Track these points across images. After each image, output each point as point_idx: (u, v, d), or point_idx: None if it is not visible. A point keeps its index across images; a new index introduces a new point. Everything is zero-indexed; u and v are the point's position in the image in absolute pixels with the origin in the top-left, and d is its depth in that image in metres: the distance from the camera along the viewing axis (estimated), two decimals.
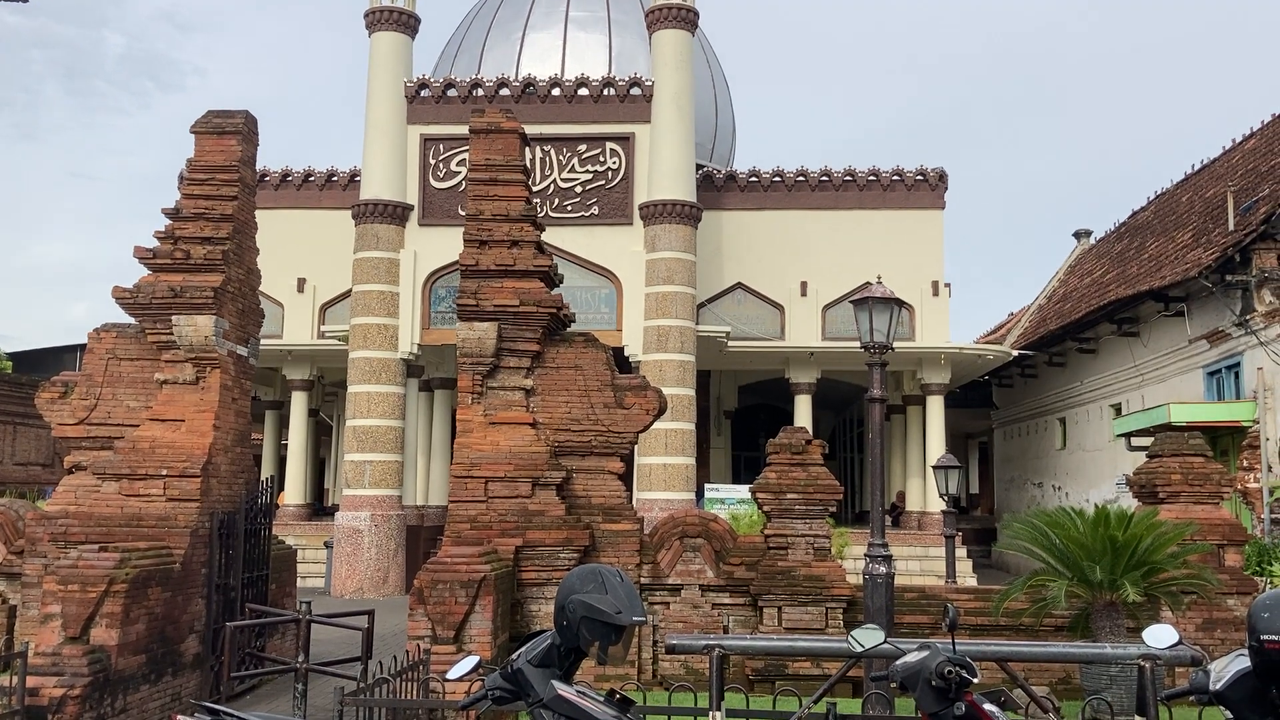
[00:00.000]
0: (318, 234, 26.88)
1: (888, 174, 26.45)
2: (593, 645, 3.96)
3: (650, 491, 22.67)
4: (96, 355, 11.61)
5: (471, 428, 11.96)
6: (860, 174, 26.45)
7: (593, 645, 3.96)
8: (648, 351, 23.34)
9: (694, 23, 24.57)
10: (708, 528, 11.92)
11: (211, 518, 11.03)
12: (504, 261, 12.32)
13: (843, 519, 26.88)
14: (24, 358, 42.96)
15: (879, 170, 26.48)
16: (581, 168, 24.36)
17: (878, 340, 9.94)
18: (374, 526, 22.89)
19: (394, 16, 24.83)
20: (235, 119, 12.10)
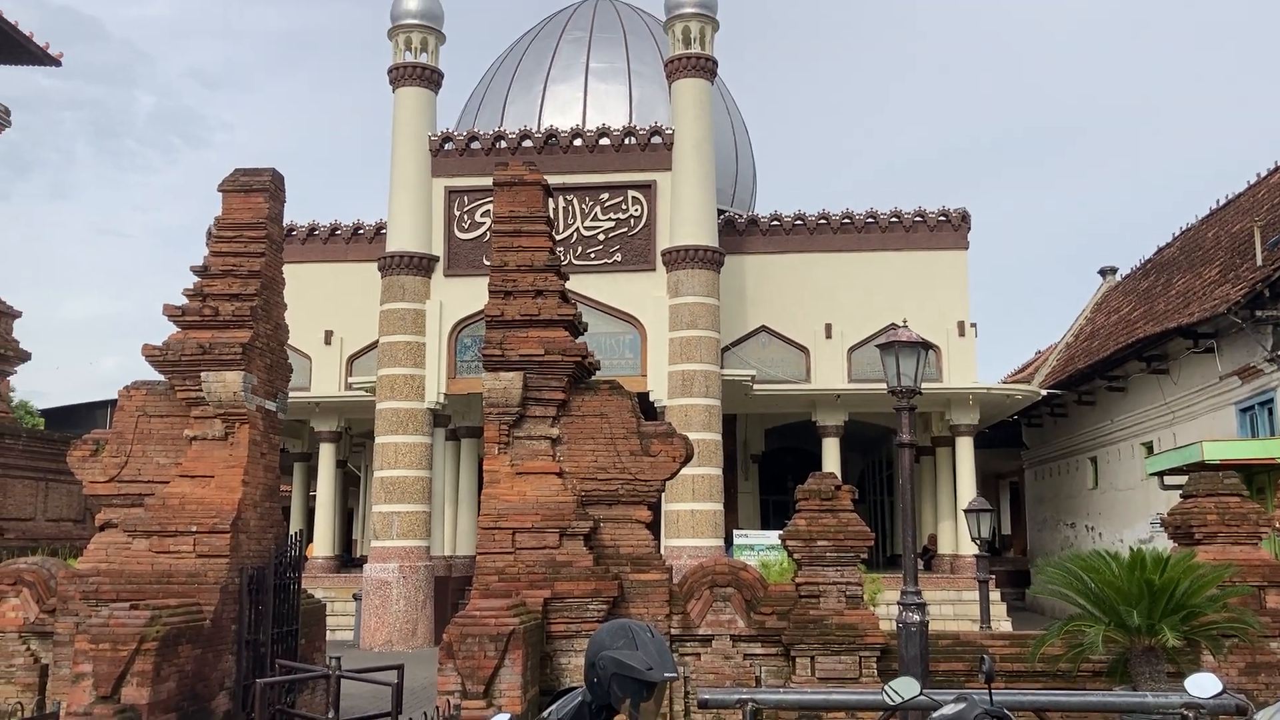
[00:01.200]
0: (344, 287, 27.13)
1: (910, 215, 26.47)
2: (624, 702, 3.92)
3: (678, 539, 22.54)
4: (127, 413, 11.71)
5: (498, 478, 11.95)
6: (882, 215, 26.48)
7: (624, 702, 3.92)
8: (673, 396, 23.32)
9: (713, 71, 24.79)
10: (738, 576, 11.82)
11: (241, 573, 11.05)
12: (529, 311, 12.37)
13: (874, 563, 26.60)
14: (55, 414, 43.37)
15: (901, 211, 26.52)
16: (604, 216, 24.53)
17: (906, 385, 9.89)
18: (402, 578, 22.85)
19: (417, 72, 25.19)
20: (263, 176, 12.26)
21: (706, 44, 24.68)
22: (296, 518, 30.21)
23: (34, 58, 29.13)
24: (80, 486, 24.02)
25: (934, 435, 27.94)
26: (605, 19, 30.06)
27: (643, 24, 30.09)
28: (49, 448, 25.63)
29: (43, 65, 29.50)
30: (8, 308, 27.67)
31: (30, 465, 25.04)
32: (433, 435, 24.60)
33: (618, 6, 31.13)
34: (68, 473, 22.42)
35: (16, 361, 27.74)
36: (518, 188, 13.02)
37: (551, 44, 29.26)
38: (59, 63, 29.26)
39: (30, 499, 24.97)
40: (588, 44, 28.89)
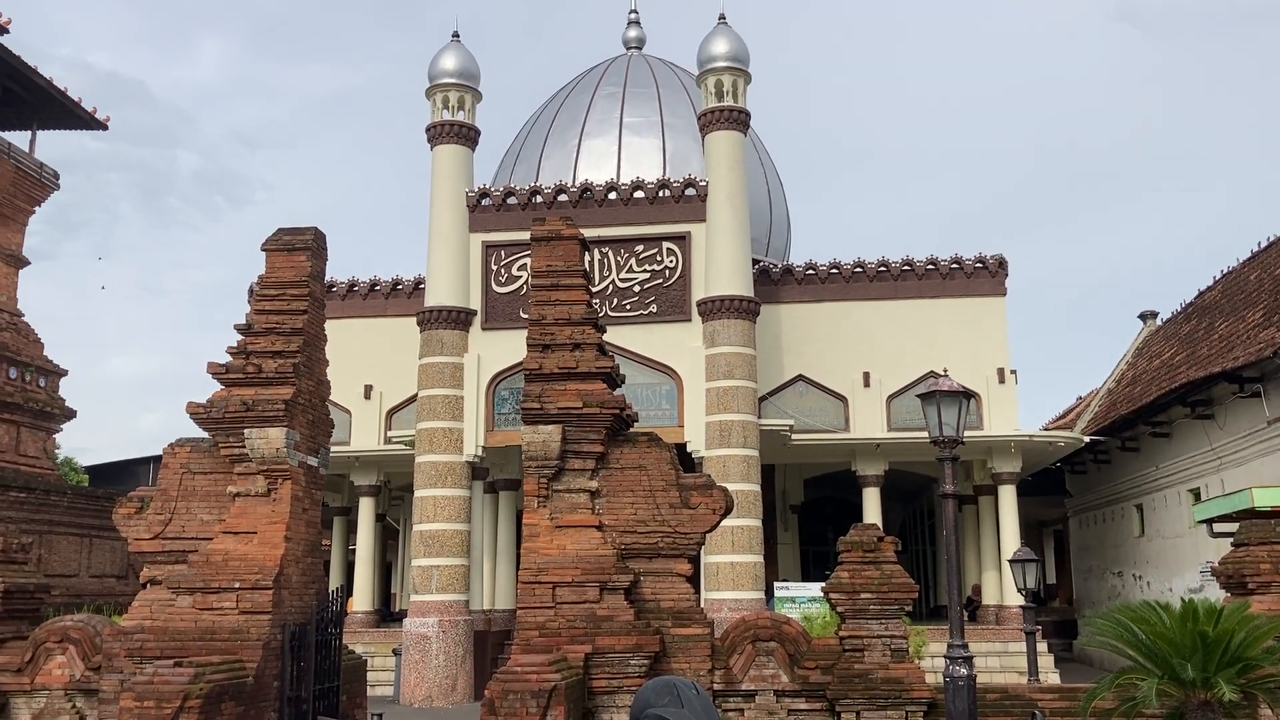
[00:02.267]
0: (384, 341, 27.40)
1: (946, 262, 26.41)
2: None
3: (718, 591, 22.36)
4: (171, 470, 11.83)
5: (538, 531, 11.93)
6: (918, 263, 26.44)
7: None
8: (711, 447, 23.24)
9: (746, 124, 24.98)
10: (781, 630, 11.68)
11: (283, 629, 11.07)
12: (567, 365, 12.41)
13: (918, 614, 26.21)
14: (99, 471, 43.86)
15: (937, 259, 26.46)
16: (639, 267, 24.65)
17: (947, 434, 9.81)
18: (442, 633, 22.79)
19: (455, 130, 25.57)
20: (305, 235, 12.45)
21: (739, 96, 24.90)
22: (336, 572, 30.28)
23: (82, 122, 29.90)
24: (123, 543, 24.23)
25: (976, 484, 27.62)
26: (638, 74, 30.44)
27: (675, 78, 30.43)
28: (92, 504, 25.93)
29: (90, 129, 30.25)
30: (54, 366, 28.14)
31: (74, 522, 25.32)
32: (471, 488, 24.65)
33: (650, 61, 31.52)
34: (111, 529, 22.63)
35: (62, 419, 28.15)
36: (555, 242, 13.13)
37: (586, 99, 29.64)
38: (106, 126, 30.01)
39: (75, 555, 25.21)
40: (621, 98, 29.24)
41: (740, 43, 25.20)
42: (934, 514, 32.88)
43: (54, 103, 28.74)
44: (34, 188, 28.53)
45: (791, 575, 28.95)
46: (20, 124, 29.10)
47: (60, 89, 28.37)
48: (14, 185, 27.66)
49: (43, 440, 27.57)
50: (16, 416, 26.33)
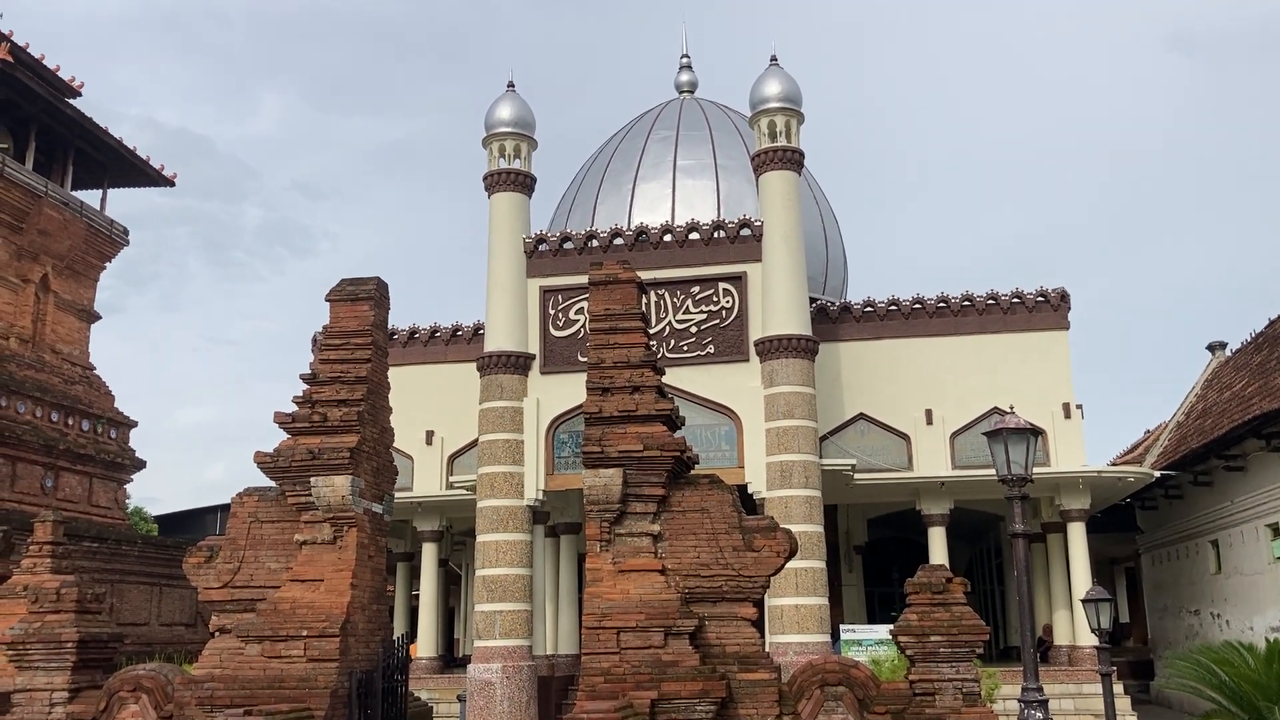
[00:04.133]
0: (444, 387, 27.65)
1: (1007, 296, 26.11)
2: None
3: (783, 635, 22.09)
4: (239, 519, 12.00)
5: (601, 576, 11.89)
6: (978, 298, 26.17)
7: None
8: (772, 488, 23.07)
9: (800, 163, 25.00)
10: (849, 675, 11.50)
11: (350, 677, 11.12)
12: (626, 408, 12.41)
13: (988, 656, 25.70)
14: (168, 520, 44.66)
15: (997, 293, 26.17)
16: (695, 308, 24.68)
17: (1016, 473, 9.64)
18: (505, 678, 22.75)
19: (511, 178, 25.91)
20: (367, 285, 12.65)
21: (792, 136, 24.95)
22: (400, 617, 30.42)
23: (150, 179, 30.77)
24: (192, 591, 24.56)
25: (1044, 521, 27.07)
26: (691, 117, 30.66)
27: (728, 120, 30.59)
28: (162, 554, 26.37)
29: (158, 186, 31.11)
30: (125, 418, 28.78)
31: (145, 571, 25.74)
32: (532, 532, 24.68)
33: (703, 104, 31.74)
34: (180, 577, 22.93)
35: (133, 470, 28.74)
36: (612, 286, 13.19)
37: (639, 144, 29.89)
38: (173, 183, 30.85)
39: (145, 604, 25.61)
40: (675, 142, 29.45)
41: (792, 83, 25.29)
42: (1001, 552, 32.28)
43: (123, 161, 29.63)
44: (105, 245, 29.36)
45: (857, 617, 28.53)
46: (92, 183, 30.02)
47: (130, 148, 29.25)
48: (86, 243, 28.49)
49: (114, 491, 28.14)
50: (89, 468, 26.93)
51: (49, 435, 25.57)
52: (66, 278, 28.12)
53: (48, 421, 25.78)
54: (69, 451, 26.10)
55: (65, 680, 11.50)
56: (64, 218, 27.48)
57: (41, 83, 26.49)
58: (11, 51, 25.33)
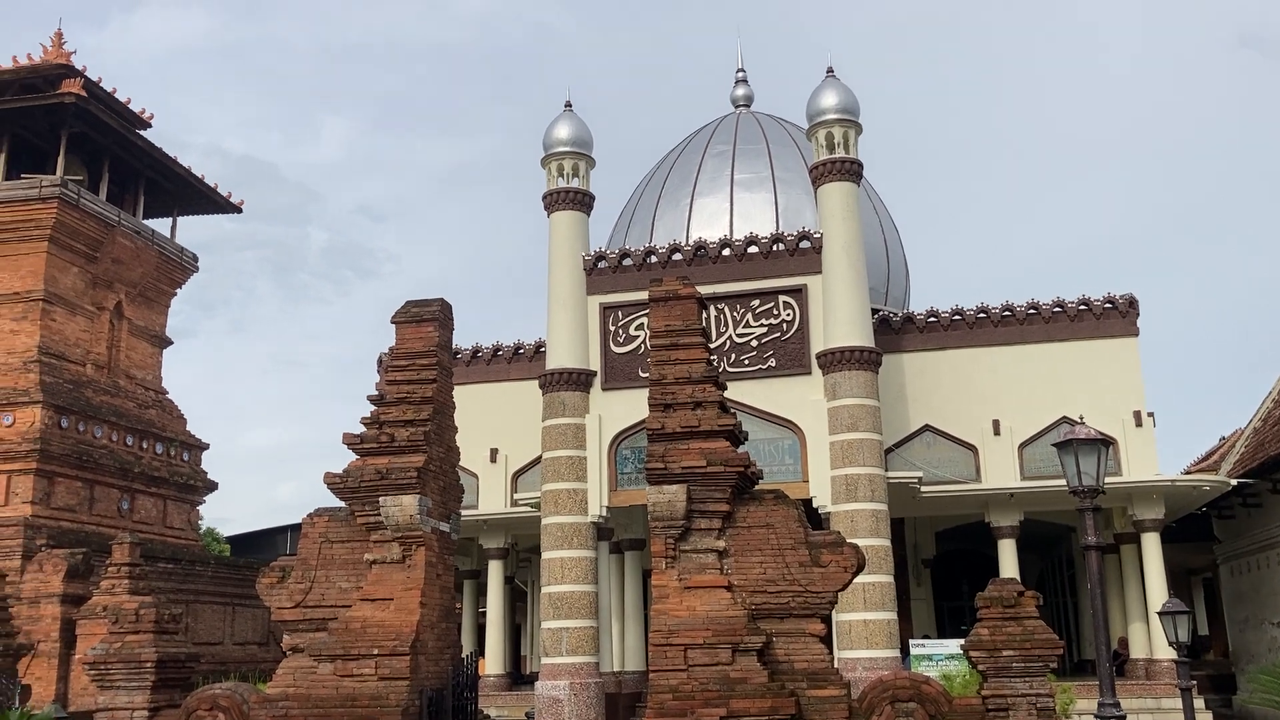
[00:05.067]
0: (507, 405, 27.87)
1: (1074, 304, 25.70)
2: None
3: (851, 650, 21.87)
4: (310, 539, 12.18)
5: (667, 593, 11.86)
6: (1044, 306, 25.78)
7: None
8: (837, 502, 22.88)
9: (858, 174, 24.87)
10: (920, 690, 11.34)
11: (421, 695, 11.22)
12: (689, 423, 12.40)
13: (1062, 670, 25.21)
14: (240, 541, 45.47)
15: (1064, 301, 25.77)
16: (756, 322, 24.61)
17: (1087, 484, 9.48)
18: (573, 695, 22.79)
19: (570, 196, 26.09)
20: (432, 307, 12.80)
21: (850, 147, 24.83)
22: (467, 635, 30.62)
23: (219, 206, 31.49)
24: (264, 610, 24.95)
25: (1117, 532, 26.52)
26: (748, 131, 30.65)
27: (785, 133, 30.54)
28: (235, 574, 26.86)
29: (226, 212, 31.84)
30: (197, 441, 29.40)
31: (218, 591, 26.23)
32: (597, 549, 24.73)
33: (759, 118, 31.72)
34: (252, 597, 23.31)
35: (205, 492, 29.34)
36: (672, 302, 13.20)
37: (696, 159, 29.95)
38: (240, 209, 31.53)
39: (219, 624, 26.08)
40: (732, 156, 29.46)
41: (849, 94, 25.18)
42: (1073, 564, 31.69)
43: (192, 189, 30.37)
44: (176, 271, 30.08)
45: (927, 632, 28.16)
46: (162, 211, 30.81)
47: (198, 176, 29.98)
48: (158, 270, 29.22)
49: (187, 512, 28.75)
50: (163, 490, 27.55)
51: (125, 459, 26.20)
52: (139, 304, 28.85)
53: (123, 445, 26.42)
54: (144, 474, 26.72)
55: (145, 699, 11.75)
56: (136, 246, 28.22)
57: (113, 115, 27.27)
58: (85, 86, 26.11)
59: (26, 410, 23.94)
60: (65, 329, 26.22)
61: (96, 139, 27.23)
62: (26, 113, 26.26)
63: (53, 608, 21.60)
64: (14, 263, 25.81)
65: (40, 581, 21.79)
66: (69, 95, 25.37)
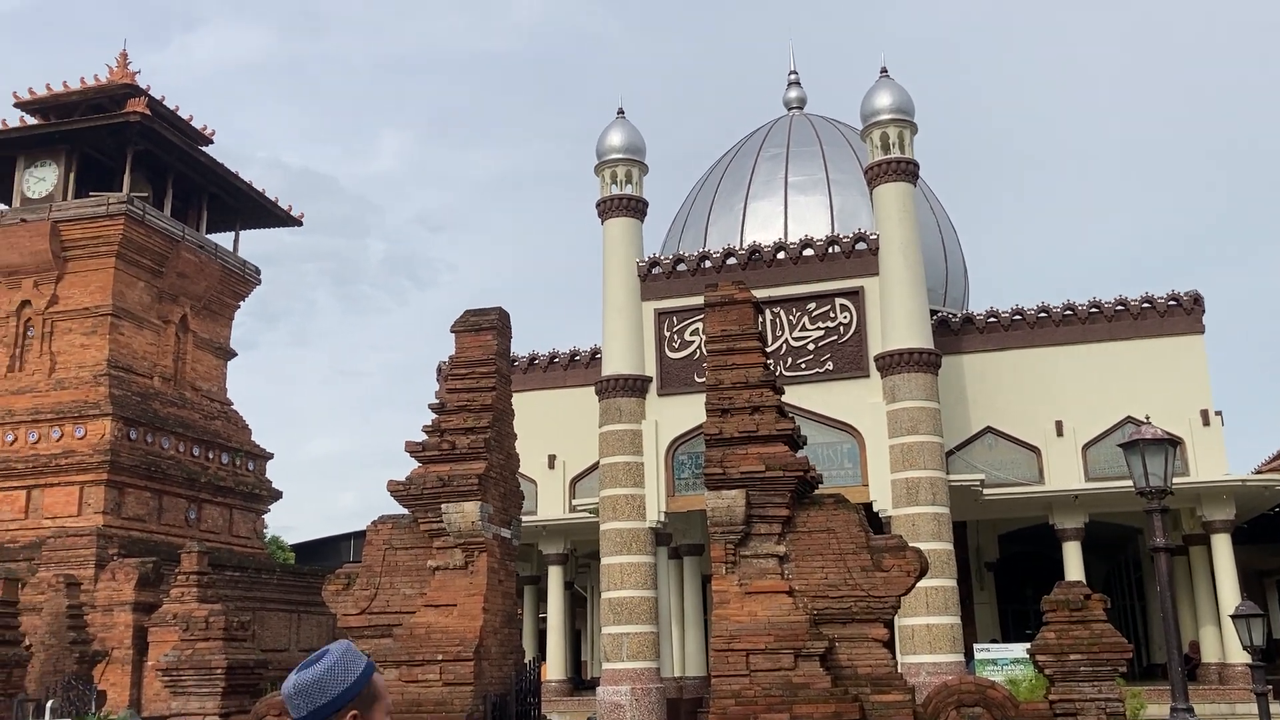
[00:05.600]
0: (564, 411, 28.00)
1: (1136, 302, 25.25)
2: None
3: (915, 655, 21.66)
4: (374, 546, 12.34)
5: (728, 598, 11.85)
6: (1106, 305, 25.36)
7: None
8: (898, 505, 22.69)
9: (914, 174, 24.66)
10: (985, 695, 11.21)
11: (485, 700, 11.31)
12: (747, 428, 12.38)
13: (1131, 674, 24.75)
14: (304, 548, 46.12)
15: (1126, 299, 25.33)
16: (812, 325, 24.49)
17: (1154, 484, 9.31)
18: (634, 700, 22.82)
19: (624, 203, 26.17)
20: (490, 316, 12.93)
21: (906, 147, 24.64)
22: (528, 640, 30.78)
23: (279, 220, 32.02)
24: (328, 617, 25.28)
25: (1186, 533, 25.99)
26: (801, 133, 30.52)
27: (839, 134, 30.37)
28: (300, 581, 27.24)
29: (287, 225, 32.37)
30: (261, 450, 29.90)
31: (284, 598, 26.62)
32: (656, 554, 24.74)
33: (813, 120, 31.58)
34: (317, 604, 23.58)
35: (270, 501, 29.82)
36: (728, 307, 13.19)
37: (750, 162, 29.88)
38: (300, 222, 32.03)
39: (285, 630, 26.46)
40: (785, 159, 29.35)
41: (904, 94, 24.99)
42: (1141, 566, 31.11)
43: (254, 204, 30.91)
44: (239, 284, 30.62)
45: (990, 636, 27.79)
46: (225, 226, 31.40)
47: (259, 190, 30.51)
48: (221, 284, 29.76)
49: (253, 521, 29.23)
50: (229, 499, 28.04)
51: (192, 469, 26.71)
52: (204, 317, 29.40)
53: (190, 456, 26.94)
54: (210, 484, 27.21)
55: (216, 705, 11.97)
56: (200, 260, 28.77)
57: (176, 133, 27.85)
58: (149, 105, 26.71)
59: (97, 423, 24.50)
60: (133, 342, 26.80)
61: (161, 156, 27.82)
62: (94, 132, 26.91)
63: (125, 615, 22.07)
64: (83, 279, 26.44)
65: (113, 590, 22.28)
66: (134, 114, 25.96)
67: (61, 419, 24.67)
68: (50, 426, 24.68)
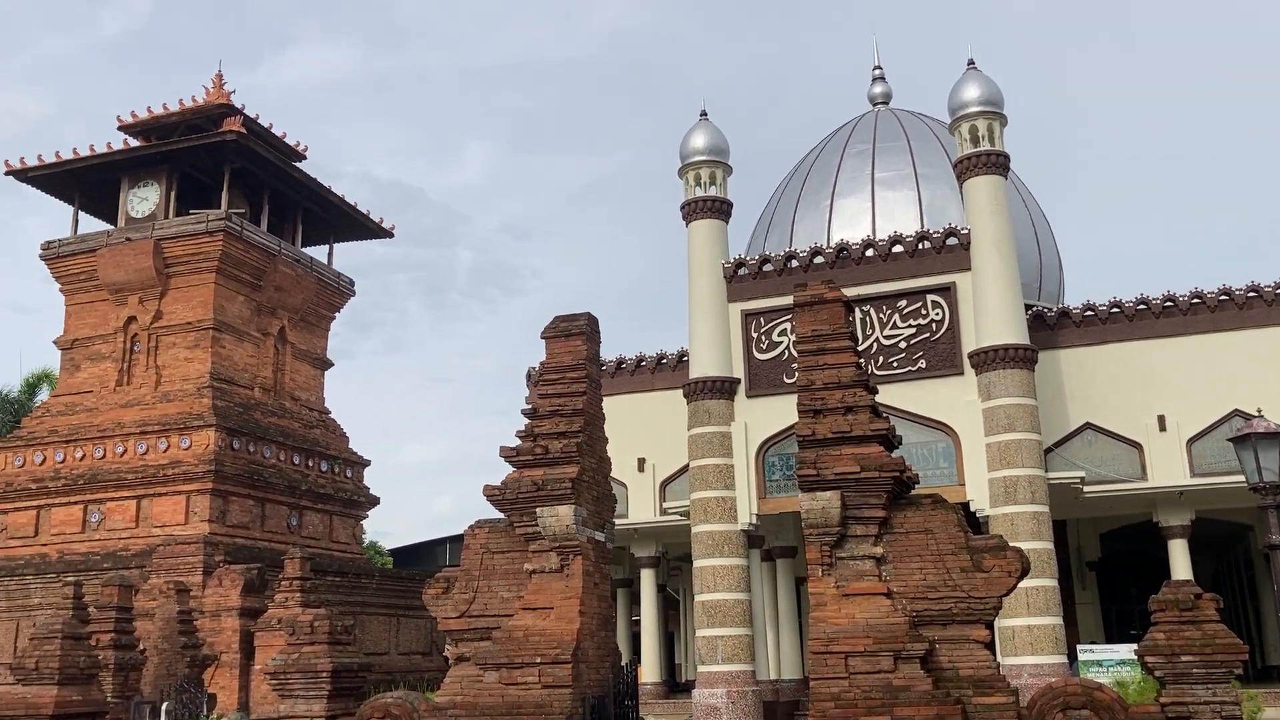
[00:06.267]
0: (652, 415, 28.04)
1: (1241, 291, 24.39)
2: None
3: (1016, 656, 21.23)
4: (472, 550, 12.51)
5: (825, 601, 11.75)
6: (1209, 295, 24.54)
7: None
8: (996, 505, 22.27)
9: (1005, 167, 24.20)
10: (1093, 697, 10.93)
11: (583, 702, 11.39)
12: (840, 429, 12.26)
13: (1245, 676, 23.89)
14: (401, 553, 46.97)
15: (1230, 288, 24.49)
16: (903, 323, 24.19)
17: (1268, 479, 9.00)
18: (731, 703, 22.76)
19: (708, 205, 26.13)
20: (579, 321, 13.03)
21: (996, 140, 24.20)
22: (621, 643, 30.90)
23: (371, 232, 32.70)
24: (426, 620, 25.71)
25: None
26: (887, 128, 30.16)
27: (926, 128, 29.94)
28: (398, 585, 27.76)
29: (378, 238, 33.03)
30: (359, 458, 30.54)
31: (383, 603, 27.14)
32: (748, 556, 24.65)
33: (899, 115, 31.18)
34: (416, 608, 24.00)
35: (368, 506, 30.44)
36: (818, 306, 13.08)
37: (835, 160, 29.62)
38: (391, 234, 32.67)
39: (384, 634, 26.97)
40: (871, 155, 29.03)
41: (992, 85, 24.54)
42: (1252, 565, 30.05)
43: (347, 217, 31.62)
44: (334, 296, 31.35)
45: (1094, 637, 27.13)
46: (319, 239, 32.17)
47: (351, 204, 31.20)
48: (317, 296, 30.50)
49: (352, 527, 29.88)
50: (329, 506, 28.71)
51: (293, 477, 27.41)
52: (301, 329, 30.16)
53: (291, 464, 27.64)
54: (311, 491, 27.89)
55: (323, 708, 12.25)
56: (296, 273, 29.52)
57: (271, 150, 28.64)
58: (244, 124, 27.51)
59: (201, 433, 25.29)
60: (234, 355, 27.60)
61: (256, 173, 28.62)
62: (192, 152, 27.80)
63: (232, 620, 22.73)
64: (186, 294, 27.32)
65: (220, 595, 22.97)
66: (230, 133, 26.76)
67: (168, 430, 25.51)
68: (157, 438, 25.55)
